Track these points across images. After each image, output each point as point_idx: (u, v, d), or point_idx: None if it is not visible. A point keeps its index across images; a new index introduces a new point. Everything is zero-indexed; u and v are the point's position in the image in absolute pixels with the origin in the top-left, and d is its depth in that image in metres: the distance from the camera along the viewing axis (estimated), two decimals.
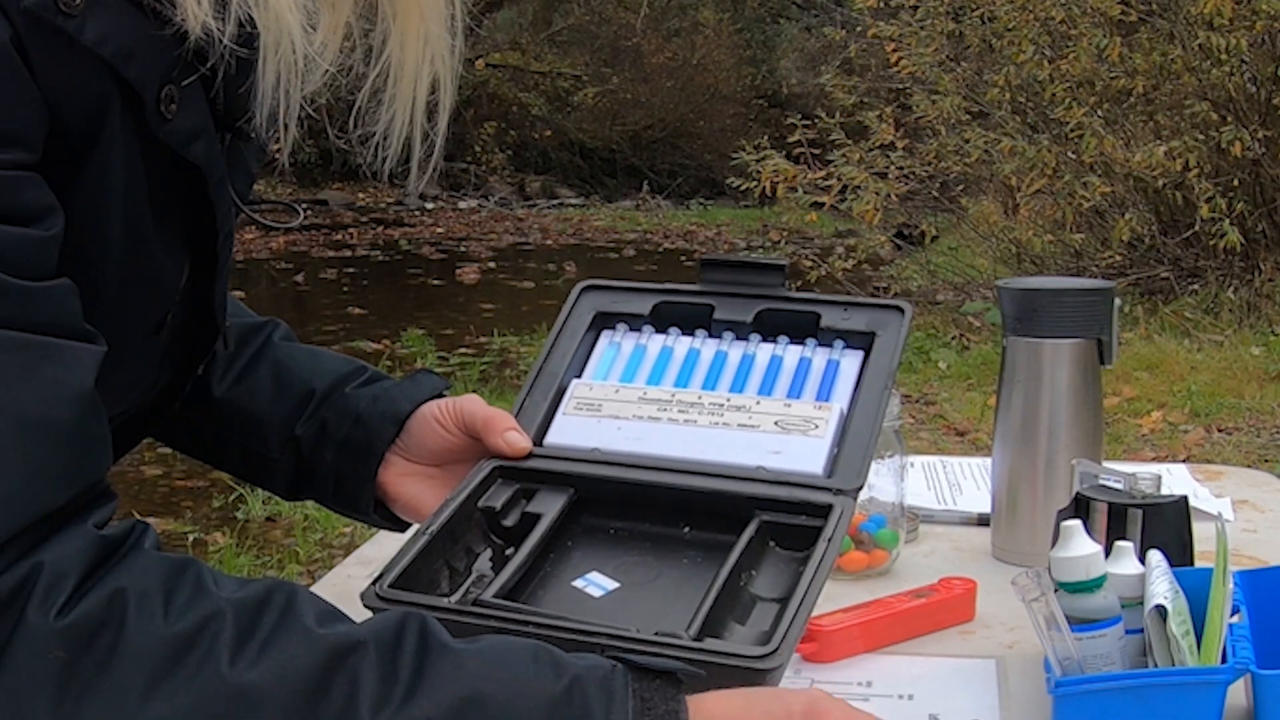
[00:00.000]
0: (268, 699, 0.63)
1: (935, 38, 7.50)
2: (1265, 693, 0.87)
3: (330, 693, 0.64)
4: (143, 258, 0.77)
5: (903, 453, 1.28)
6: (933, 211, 8.08)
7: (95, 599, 0.63)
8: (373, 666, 0.65)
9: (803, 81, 15.99)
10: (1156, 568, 0.94)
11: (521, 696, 0.66)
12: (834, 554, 0.86)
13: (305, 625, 0.66)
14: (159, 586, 0.65)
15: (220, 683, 0.63)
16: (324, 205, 14.04)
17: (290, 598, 0.67)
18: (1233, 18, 6.46)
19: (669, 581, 0.89)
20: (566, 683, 0.66)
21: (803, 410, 0.95)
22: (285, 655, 0.64)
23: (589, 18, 17.03)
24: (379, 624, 0.68)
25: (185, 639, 0.63)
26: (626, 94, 16.67)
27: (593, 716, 0.65)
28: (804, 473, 0.92)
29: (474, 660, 0.67)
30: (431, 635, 0.68)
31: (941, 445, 4.77)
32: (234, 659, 0.63)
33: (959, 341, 6.55)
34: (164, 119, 0.74)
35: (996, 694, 1.00)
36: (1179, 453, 4.59)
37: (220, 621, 0.64)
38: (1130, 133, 7.04)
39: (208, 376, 1.04)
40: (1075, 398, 1.29)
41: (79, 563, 0.64)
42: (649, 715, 0.66)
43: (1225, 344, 6.08)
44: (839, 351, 1.00)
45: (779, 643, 0.78)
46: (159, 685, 0.62)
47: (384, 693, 0.64)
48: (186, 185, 0.79)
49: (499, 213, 14.47)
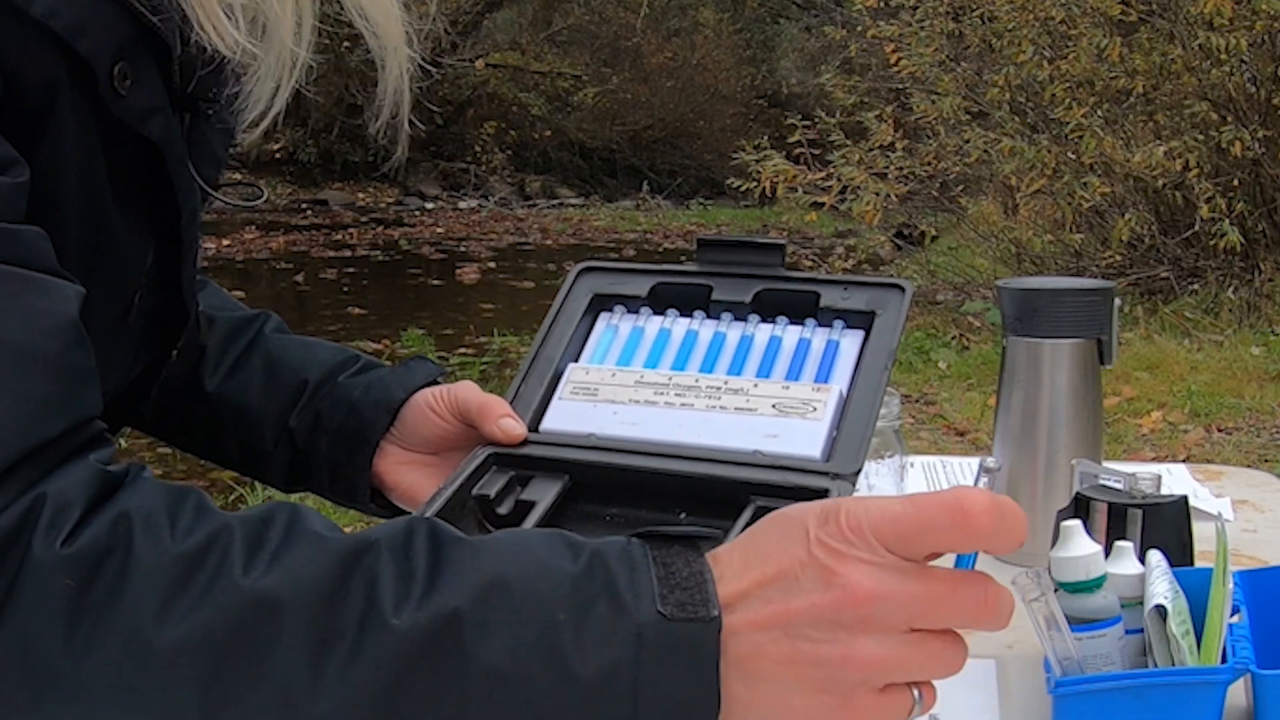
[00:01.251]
0: (286, 605, 0.60)
1: (935, 38, 7.50)
2: (1265, 693, 0.87)
3: (349, 594, 0.60)
4: (103, 237, 0.77)
5: (903, 453, 1.28)
6: (933, 211, 8.09)
7: (100, 525, 0.61)
8: (389, 564, 0.62)
9: (803, 81, 16.00)
10: (1156, 568, 0.94)
11: (543, 576, 0.62)
12: None
13: (315, 532, 0.63)
14: (163, 509, 0.62)
15: (236, 593, 0.60)
16: (324, 205, 14.05)
17: (295, 511, 0.65)
18: (1233, 18, 6.47)
19: None
20: (586, 559, 0.63)
21: (801, 392, 0.94)
22: (299, 561, 0.61)
23: (589, 18, 17.03)
24: (387, 528, 0.65)
25: (195, 554, 0.61)
26: (626, 94, 16.68)
27: (617, 586, 0.61)
28: (801, 456, 0.91)
29: (490, 549, 0.64)
30: (442, 531, 0.65)
31: (941, 445, 4.77)
32: (247, 568, 0.60)
33: (959, 341, 6.55)
34: (118, 95, 0.73)
35: (996, 694, 1.00)
36: (1179, 453, 4.59)
37: (229, 535, 0.62)
38: (1130, 133, 7.05)
39: (199, 371, 1.04)
40: (1075, 398, 1.29)
41: (82, 493, 0.62)
42: (673, 579, 0.62)
43: (1225, 344, 6.09)
44: (838, 332, 0.99)
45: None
46: (173, 604, 0.60)
47: (403, 589, 0.61)
48: (146, 163, 0.78)
49: (499, 213, 14.48)
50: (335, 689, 0.59)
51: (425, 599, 0.60)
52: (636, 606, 0.61)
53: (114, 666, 0.59)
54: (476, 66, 16.01)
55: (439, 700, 0.60)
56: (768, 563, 0.63)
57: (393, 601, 0.60)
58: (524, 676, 0.60)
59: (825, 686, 0.61)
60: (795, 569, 0.62)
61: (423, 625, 0.60)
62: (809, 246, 9.79)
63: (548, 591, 0.61)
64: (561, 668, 0.60)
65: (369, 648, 0.59)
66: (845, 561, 0.61)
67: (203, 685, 0.60)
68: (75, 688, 0.60)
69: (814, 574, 0.61)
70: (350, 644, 0.59)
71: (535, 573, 0.62)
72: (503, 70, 16.49)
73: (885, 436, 1.26)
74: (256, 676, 0.59)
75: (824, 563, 0.61)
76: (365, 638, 0.60)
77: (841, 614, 0.61)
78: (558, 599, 0.61)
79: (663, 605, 0.61)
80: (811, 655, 0.61)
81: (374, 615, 0.60)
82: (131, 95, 0.74)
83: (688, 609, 0.61)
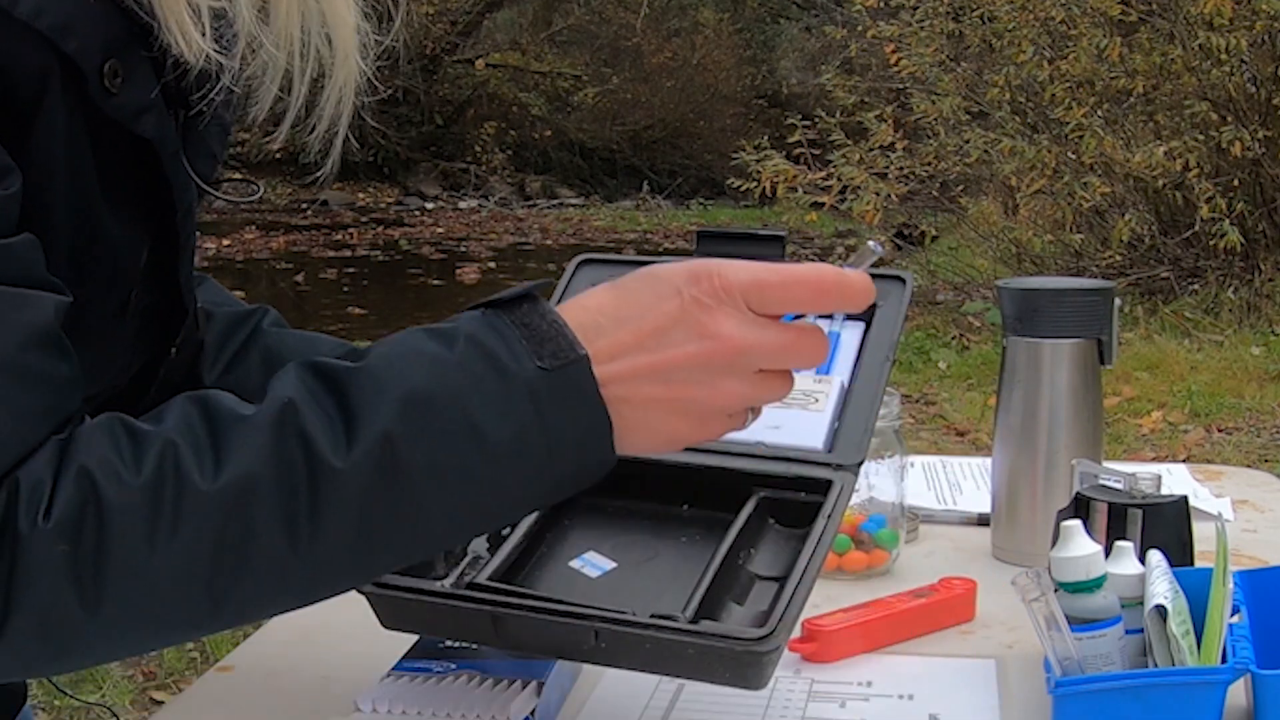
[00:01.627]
0: (246, 492, 0.65)
1: (935, 38, 7.50)
2: (1265, 693, 0.87)
3: (291, 459, 0.66)
4: (94, 236, 0.77)
5: (903, 453, 1.28)
6: (933, 212, 8.08)
7: (67, 488, 0.64)
8: (308, 416, 0.67)
9: (803, 81, 15.99)
10: (1156, 568, 0.94)
11: (436, 374, 0.68)
12: (834, 530, 0.85)
13: (235, 414, 0.68)
14: (110, 449, 0.66)
15: (203, 500, 0.65)
16: (324, 205, 14.04)
17: (205, 402, 0.69)
18: (1233, 18, 6.47)
19: (667, 560, 0.88)
20: (462, 344, 0.69)
21: (802, 384, 0.94)
22: (238, 448, 0.66)
23: (589, 18, 17.02)
24: (282, 384, 0.69)
25: (155, 480, 0.65)
26: (626, 94, 16.66)
27: (498, 357, 0.69)
28: (804, 448, 0.91)
29: (380, 368, 0.69)
30: (330, 368, 0.70)
31: (941, 445, 4.77)
32: (203, 474, 0.65)
33: (959, 341, 6.55)
34: (109, 93, 0.73)
35: (996, 694, 1.00)
36: (1179, 453, 4.59)
37: (174, 450, 0.66)
38: (1130, 133, 7.05)
39: (198, 367, 1.04)
40: (1075, 398, 1.29)
41: (47, 467, 0.65)
42: (537, 335, 0.70)
43: (1225, 344, 6.09)
44: (839, 323, 0.99)
45: (776, 623, 0.78)
46: (157, 531, 0.64)
47: (331, 433, 0.67)
48: (139, 160, 0.78)
49: (499, 213, 14.47)
50: (311, 543, 0.66)
51: (354, 435, 0.66)
52: (520, 369, 0.69)
53: (125, 603, 0.65)
54: (476, 66, 16.00)
55: (400, 514, 0.68)
56: (643, 320, 0.71)
57: (329, 447, 0.66)
58: (458, 466, 0.68)
59: (690, 414, 0.73)
60: (668, 324, 0.71)
61: (364, 458, 0.66)
62: (809, 246, 9.78)
63: (448, 385, 0.68)
64: (483, 444, 0.68)
65: (325, 496, 0.66)
66: (716, 316, 0.71)
67: (205, 588, 0.66)
68: (96, 635, 0.65)
69: (687, 327, 0.71)
70: (308, 500, 0.66)
71: (430, 373, 0.68)
72: (503, 70, 16.48)
73: (885, 436, 1.26)
74: (246, 561, 0.66)
75: (697, 317, 0.71)
76: (319, 489, 0.66)
77: (712, 360, 0.71)
78: (458, 388, 0.68)
79: (540, 360, 0.69)
80: (684, 394, 0.72)
81: (320, 466, 0.66)
82: (123, 93, 0.74)
83: (560, 356, 0.69)
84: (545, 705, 0.93)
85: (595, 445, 0.71)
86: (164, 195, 0.81)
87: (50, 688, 2.83)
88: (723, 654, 0.78)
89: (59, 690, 2.54)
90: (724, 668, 0.79)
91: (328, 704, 0.97)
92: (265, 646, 1.15)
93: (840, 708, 0.98)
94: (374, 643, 1.12)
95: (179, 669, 3.13)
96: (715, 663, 0.78)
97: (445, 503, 0.69)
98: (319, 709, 0.94)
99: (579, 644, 0.81)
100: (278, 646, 1.14)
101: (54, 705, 2.88)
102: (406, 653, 0.98)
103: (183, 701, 1.07)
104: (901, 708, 0.98)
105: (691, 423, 0.74)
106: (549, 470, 0.71)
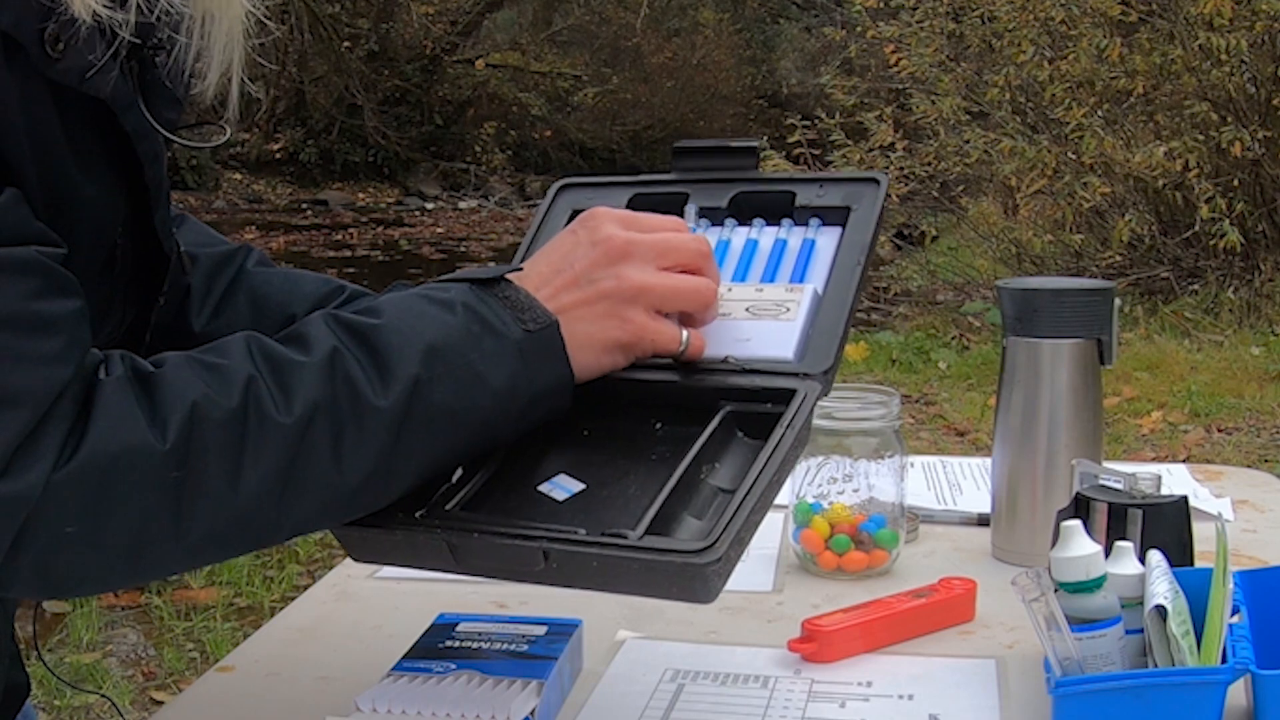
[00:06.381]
0: (308, 425, 0.77)
1: (935, 38, 7.51)
2: (1265, 693, 0.87)
3: (339, 397, 0.78)
4: (69, 195, 0.78)
5: (903, 453, 1.28)
6: (933, 212, 8.08)
7: (175, 420, 0.74)
8: (352, 362, 0.79)
9: (803, 81, 16.00)
10: (1156, 568, 0.94)
11: (446, 332, 0.82)
12: (794, 440, 0.84)
13: (292, 358, 0.79)
14: (201, 385, 0.76)
15: (281, 431, 0.76)
16: (324, 205, 14.04)
17: (262, 345, 0.80)
18: (1233, 18, 6.47)
19: (636, 480, 0.87)
20: (461, 311, 0.83)
21: (775, 294, 0.94)
22: (300, 386, 0.77)
23: (589, 18, 17.02)
24: (320, 335, 0.80)
25: (241, 412, 0.75)
26: (626, 94, 16.67)
27: (491, 323, 0.84)
28: (773, 358, 0.90)
29: (400, 325, 0.82)
30: (355, 323, 0.81)
31: (941, 445, 4.78)
32: (278, 408, 0.76)
33: (959, 341, 6.55)
34: (52, 60, 0.74)
35: (996, 694, 1.00)
36: (1179, 453, 4.59)
37: (256, 387, 0.76)
38: (1130, 133, 7.05)
39: (186, 312, 1.04)
40: (1075, 398, 1.29)
41: (131, 403, 0.74)
42: (518, 305, 0.85)
43: (1225, 344, 6.09)
44: (815, 230, 0.98)
45: (718, 535, 0.77)
46: (244, 454, 0.75)
47: (368, 378, 0.79)
48: (102, 116, 0.79)
49: (499, 213, 14.47)
50: (355, 464, 0.78)
51: (389, 378, 0.79)
52: (509, 331, 0.84)
53: (211, 523, 0.75)
54: (476, 66, 16.01)
55: (425, 444, 0.81)
56: (553, 253, 0.90)
57: (370, 388, 0.79)
58: (467, 405, 0.82)
59: (613, 312, 0.87)
60: (569, 248, 0.89)
61: (399, 397, 0.79)
62: None
63: (456, 342, 0.82)
64: (485, 389, 0.82)
65: (368, 429, 0.78)
66: (600, 227, 0.89)
67: (275, 507, 0.77)
68: (181, 551, 0.76)
69: (582, 244, 0.89)
70: (355, 433, 0.78)
71: (442, 331, 0.82)
72: (503, 70, 16.48)
73: (885, 436, 1.26)
74: (305, 484, 0.77)
75: (587, 236, 0.89)
76: (364, 424, 0.78)
77: (609, 256, 0.88)
78: (467, 344, 0.82)
79: (522, 325, 0.84)
80: (600, 292, 0.87)
81: (363, 403, 0.78)
82: (67, 57, 0.74)
83: (538, 320, 0.85)
84: (545, 705, 0.93)
85: (559, 376, 0.86)
86: (129, 148, 0.82)
87: (50, 688, 2.83)
88: (666, 568, 0.77)
89: (63, 684, 2.54)
90: (669, 582, 0.78)
91: (328, 704, 0.97)
92: (265, 646, 1.15)
93: (840, 708, 0.98)
94: (374, 643, 1.12)
95: (179, 669, 3.13)
96: (661, 578, 0.78)
97: (454, 434, 0.82)
98: (319, 709, 0.94)
99: (531, 565, 0.81)
100: (278, 646, 1.14)
101: (54, 705, 2.88)
102: (406, 653, 0.98)
103: (183, 701, 1.07)
104: (901, 708, 0.98)
105: (616, 319, 0.88)
106: (531, 409, 0.86)
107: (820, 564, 1.26)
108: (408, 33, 15.56)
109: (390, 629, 1.14)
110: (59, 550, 0.72)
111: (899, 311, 7.41)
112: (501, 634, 1.00)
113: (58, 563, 0.73)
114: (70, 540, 0.72)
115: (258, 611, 3.40)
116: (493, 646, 0.99)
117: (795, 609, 1.16)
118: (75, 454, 0.71)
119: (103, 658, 3.17)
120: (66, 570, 0.74)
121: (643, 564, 0.78)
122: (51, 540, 0.71)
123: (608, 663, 1.06)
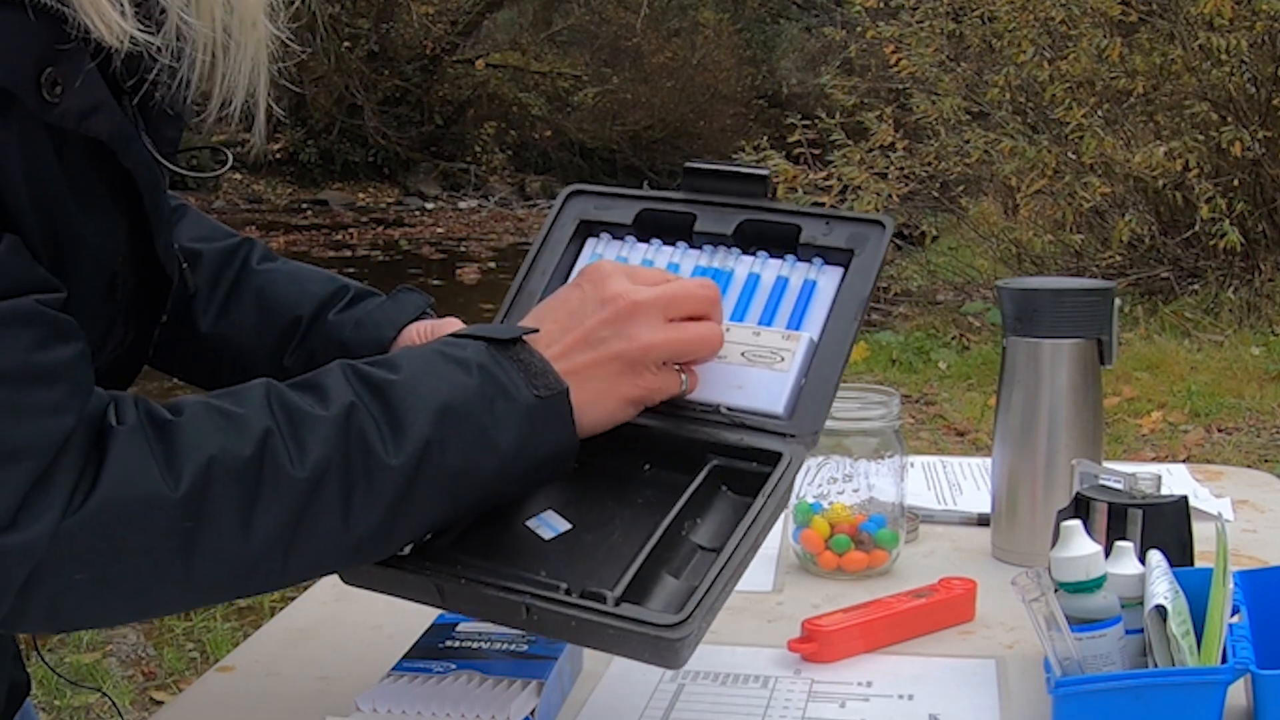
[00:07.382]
0: (320, 480, 0.77)
1: (935, 38, 7.50)
2: (1265, 693, 0.87)
3: (351, 454, 0.78)
4: (68, 233, 0.77)
5: (903, 453, 1.28)
6: (933, 212, 8.08)
7: (193, 473, 0.74)
8: (367, 419, 0.79)
9: (803, 81, 15.99)
10: (1156, 568, 0.94)
11: (461, 394, 0.82)
12: (775, 506, 0.86)
13: (309, 414, 0.79)
14: (218, 440, 0.76)
15: (293, 485, 0.76)
16: (324, 205, 14.03)
17: (281, 395, 0.79)
18: (1233, 18, 6.47)
19: (620, 526, 0.89)
20: (477, 373, 0.83)
21: (771, 340, 0.94)
22: (314, 442, 0.78)
23: (589, 18, 17.01)
24: (337, 388, 0.81)
25: (257, 461, 0.76)
26: (626, 94, 16.65)
27: (505, 386, 0.84)
28: (764, 411, 0.91)
29: (415, 385, 0.82)
30: (373, 378, 0.82)
31: (941, 445, 4.78)
32: (291, 462, 0.76)
33: (959, 341, 6.55)
34: (49, 104, 0.73)
35: (996, 694, 1.00)
36: (1179, 453, 4.59)
37: (273, 440, 0.77)
38: (1130, 133, 7.05)
39: (192, 312, 1.04)
40: (1075, 398, 1.29)
41: (147, 451, 0.74)
42: (531, 370, 0.85)
43: (1225, 344, 6.09)
44: (817, 270, 0.98)
45: (691, 610, 0.80)
46: (258, 502, 0.75)
47: (383, 435, 0.79)
48: (102, 153, 0.79)
49: (499, 213, 14.47)
50: (362, 519, 0.79)
51: (401, 438, 0.80)
52: (520, 396, 0.84)
53: (216, 568, 0.76)
54: (476, 66, 16.00)
55: (430, 503, 0.82)
56: (559, 311, 0.89)
57: (381, 447, 0.79)
58: (475, 467, 0.82)
59: (624, 371, 0.88)
60: (577, 306, 0.89)
61: (409, 457, 0.80)
62: None
63: (469, 403, 0.82)
64: (494, 451, 0.83)
65: (377, 486, 0.79)
66: (607, 285, 0.89)
67: (282, 555, 0.77)
68: (187, 595, 0.78)
69: (590, 302, 0.89)
70: (364, 489, 0.79)
71: (457, 393, 0.82)
72: (503, 70, 16.47)
73: (885, 436, 1.26)
74: (311, 536, 0.78)
75: (594, 293, 0.89)
76: (373, 481, 0.79)
77: (618, 316, 0.87)
78: (479, 407, 0.83)
79: (534, 390, 0.84)
80: (610, 352, 0.87)
81: (374, 460, 0.79)
82: (65, 100, 0.73)
83: (550, 388, 0.85)
84: (545, 705, 0.93)
85: (565, 441, 0.86)
86: (129, 183, 0.82)
87: (50, 687, 2.83)
88: (640, 639, 0.80)
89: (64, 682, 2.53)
90: (641, 649, 0.81)
91: (328, 704, 0.98)
92: (265, 646, 1.15)
93: (840, 708, 0.98)
94: (374, 643, 1.12)
95: (179, 669, 3.13)
96: (634, 644, 0.81)
97: (460, 494, 0.83)
98: (319, 709, 0.94)
99: (513, 617, 0.84)
100: (278, 646, 1.14)
101: (54, 705, 2.88)
102: (406, 653, 0.98)
103: (183, 701, 1.07)
104: (901, 708, 0.98)
105: (628, 378, 0.88)
106: (535, 472, 0.86)
107: (820, 564, 1.26)
108: (408, 33, 15.56)
109: (390, 629, 1.14)
110: (67, 594, 0.73)
111: (899, 311, 7.41)
112: (501, 634, 1.00)
113: (65, 605, 0.73)
114: (79, 585, 0.73)
115: (258, 611, 3.40)
116: (493, 646, 0.99)
117: (795, 609, 1.16)
118: (86, 502, 0.72)
119: (103, 657, 3.17)
120: (74, 611, 0.74)
121: (618, 630, 0.81)
122: (60, 585, 0.72)
123: (608, 663, 1.06)
